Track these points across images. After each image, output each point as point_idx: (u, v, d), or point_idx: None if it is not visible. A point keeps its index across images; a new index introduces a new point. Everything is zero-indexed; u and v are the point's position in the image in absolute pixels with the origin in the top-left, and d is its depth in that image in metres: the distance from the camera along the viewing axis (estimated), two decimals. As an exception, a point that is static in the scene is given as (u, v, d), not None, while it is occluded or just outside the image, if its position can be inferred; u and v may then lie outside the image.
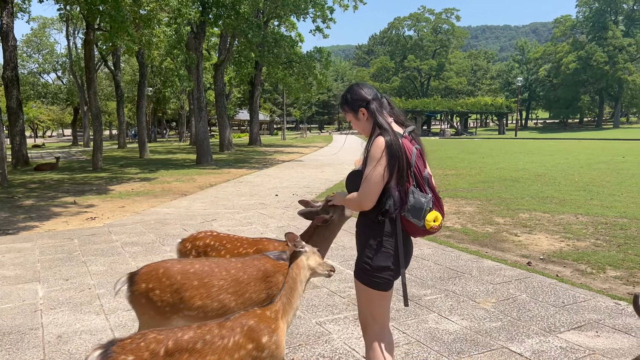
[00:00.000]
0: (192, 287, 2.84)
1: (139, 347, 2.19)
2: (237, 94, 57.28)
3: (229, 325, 2.34)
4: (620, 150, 27.31)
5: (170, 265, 2.95)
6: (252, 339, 2.32)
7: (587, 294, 5.17)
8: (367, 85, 2.87)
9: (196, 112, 23.55)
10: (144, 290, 2.88)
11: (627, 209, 9.71)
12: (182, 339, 2.24)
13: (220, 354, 2.26)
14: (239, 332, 2.32)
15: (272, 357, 2.36)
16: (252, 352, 2.32)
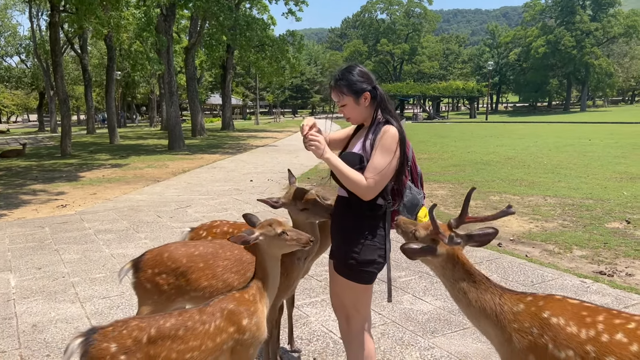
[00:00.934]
0: (199, 269, 2.90)
1: (122, 334, 2.19)
2: (209, 77, 56.46)
3: (209, 310, 2.36)
4: (586, 133, 28.01)
5: (174, 249, 3.00)
6: (233, 322, 2.35)
7: (554, 273, 5.36)
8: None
9: (167, 97, 23.19)
10: (150, 275, 2.92)
11: (592, 191, 10.02)
12: (165, 326, 2.25)
13: (203, 339, 2.28)
14: (219, 317, 2.34)
15: (253, 338, 2.40)
16: (233, 335, 2.35)
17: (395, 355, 3.68)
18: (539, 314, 1.99)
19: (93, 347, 2.14)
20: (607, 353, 1.79)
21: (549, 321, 1.95)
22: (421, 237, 2.28)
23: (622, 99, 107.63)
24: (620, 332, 1.81)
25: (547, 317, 1.96)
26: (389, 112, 2.69)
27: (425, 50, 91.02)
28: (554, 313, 1.96)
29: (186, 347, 2.24)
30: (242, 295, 2.45)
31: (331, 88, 2.72)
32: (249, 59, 31.95)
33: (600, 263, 5.72)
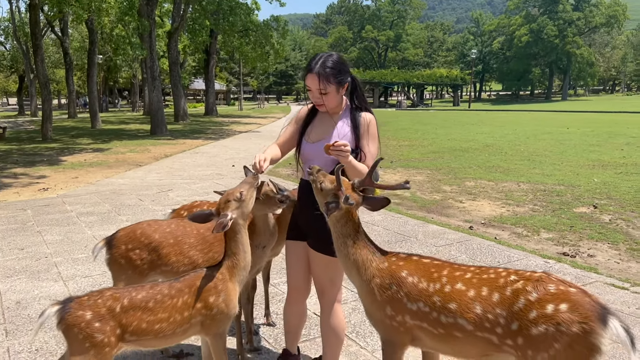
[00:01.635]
0: (169, 245, 3.06)
1: (97, 303, 2.34)
2: (192, 62, 56.01)
3: (178, 286, 2.51)
4: (565, 122, 28.51)
5: (146, 226, 3.15)
6: (200, 299, 2.50)
7: (520, 254, 5.63)
8: None
9: (149, 81, 23.07)
10: (123, 251, 3.06)
11: (565, 177, 10.35)
12: (136, 298, 2.41)
13: (171, 312, 2.44)
14: (187, 293, 2.50)
15: (222, 314, 2.54)
16: (201, 310, 2.50)
17: (365, 328, 3.90)
18: (398, 272, 2.35)
19: (69, 315, 2.28)
20: (450, 300, 2.17)
21: (406, 280, 2.32)
22: (325, 189, 2.52)
23: (602, 89, 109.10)
24: (459, 282, 2.19)
25: (405, 276, 2.33)
26: (364, 99, 2.90)
27: (409, 37, 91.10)
28: (410, 273, 2.32)
29: (155, 319, 2.40)
30: (212, 273, 2.57)
31: (317, 75, 2.73)
32: (232, 44, 31.83)
33: (565, 245, 6.01)
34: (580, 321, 1.90)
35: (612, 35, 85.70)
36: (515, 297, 2.04)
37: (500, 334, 2.07)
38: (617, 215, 7.33)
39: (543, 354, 1.95)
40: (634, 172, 10.87)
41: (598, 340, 1.89)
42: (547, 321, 1.94)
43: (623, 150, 14.90)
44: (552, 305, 1.96)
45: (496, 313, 2.07)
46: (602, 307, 1.94)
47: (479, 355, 2.20)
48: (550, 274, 2.11)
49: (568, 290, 1.99)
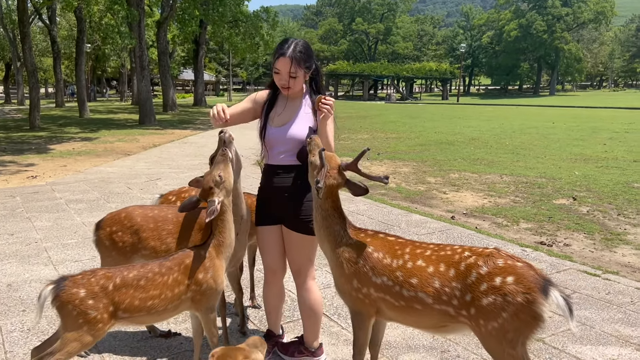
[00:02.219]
0: (149, 229, 3.14)
1: (90, 282, 2.47)
2: (181, 52, 55.70)
3: (168, 264, 2.65)
4: (552, 117, 28.83)
5: (132, 210, 3.25)
6: (189, 276, 2.65)
7: (499, 242, 5.82)
8: None
9: (138, 71, 23.00)
10: (108, 233, 3.18)
11: (547, 170, 10.58)
12: (128, 276, 2.55)
13: (162, 289, 2.58)
14: (176, 271, 2.64)
15: (211, 289, 2.70)
16: (191, 287, 2.65)
17: (346, 310, 4.06)
18: (364, 248, 2.55)
19: (63, 292, 2.41)
20: (411, 276, 2.36)
21: (372, 255, 2.51)
22: (312, 163, 2.69)
23: (590, 84, 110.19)
24: (420, 259, 2.39)
25: (371, 252, 2.52)
26: (322, 86, 3.12)
27: (400, 30, 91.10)
28: (376, 249, 2.52)
29: (147, 296, 2.54)
30: (199, 251, 2.72)
31: (290, 59, 2.86)
32: (222, 35, 31.72)
33: (543, 234, 6.21)
34: (524, 292, 2.10)
35: (600, 31, 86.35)
36: (468, 271, 2.24)
37: (456, 306, 2.26)
38: (594, 207, 7.56)
39: (493, 322, 2.15)
40: (614, 166, 11.13)
41: (540, 309, 2.09)
42: (495, 292, 2.14)
43: (605, 145, 15.18)
44: (500, 278, 2.15)
45: (452, 287, 2.27)
46: (545, 280, 2.14)
47: (436, 326, 2.40)
48: (500, 250, 2.30)
49: (515, 265, 2.19)
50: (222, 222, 2.76)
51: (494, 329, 2.16)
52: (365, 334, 2.68)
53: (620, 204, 7.70)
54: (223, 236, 2.75)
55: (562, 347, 3.50)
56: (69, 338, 2.42)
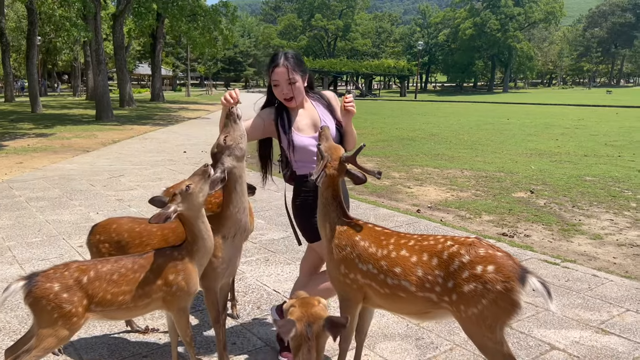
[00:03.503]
0: (135, 245, 3.05)
1: (63, 275, 2.45)
2: (137, 46, 54.47)
3: (141, 262, 2.63)
4: (506, 113, 29.76)
5: (123, 223, 3.17)
6: (160, 276, 2.62)
7: (463, 234, 6.02)
8: None
9: (94, 65, 22.38)
10: (96, 240, 3.13)
11: (504, 165, 10.97)
12: (102, 270, 2.53)
13: (133, 285, 2.57)
14: (148, 269, 2.62)
15: (182, 291, 2.67)
16: (161, 287, 2.62)
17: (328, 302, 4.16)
18: (353, 236, 2.66)
19: (36, 287, 2.37)
20: (395, 265, 2.47)
21: (359, 243, 2.62)
22: (319, 151, 2.79)
23: (541, 82, 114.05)
24: (404, 249, 2.50)
25: (358, 240, 2.63)
26: (313, 85, 3.31)
27: (358, 27, 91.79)
28: (363, 237, 2.64)
29: (119, 291, 2.53)
30: (172, 252, 2.69)
31: (285, 66, 2.99)
32: (180, 29, 31.22)
33: (504, 226, 6.47)
34: (504, 280, 2.21)
35: (549, 30, 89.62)
36: (451, 259, 2.35)
37: (439, 292, 2.37)
38: (551, 199, 7.92)
39: (473, 308, 2.27)
40: (567, 161, 11.65)
41: (517, 297, 2.21)
42: (476, 280, 2.25)
43: (558, 140, 15.83)
44: (481, 267, 2.26)
45: (435, 274, 2.38)
46: (522, 269, 2.26)
47: (420, 312, 2.52)
48: (481, 239, 2.42)
49: (495, 254, 2.30)
50: (191, 232, 2.69)
51: (474, 315, 2.28)
52: (352, 320, 2.78)
53: (574, 197, 8.09)
54: (197, 244, 2.69)
55: (529, 331, 3.69)
56: (45, 334, 2.39)
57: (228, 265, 2.94)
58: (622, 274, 4.88)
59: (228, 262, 2.92)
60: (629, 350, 3.45)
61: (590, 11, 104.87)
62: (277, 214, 6.70)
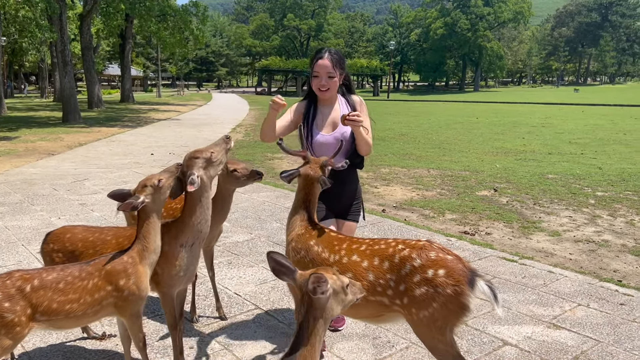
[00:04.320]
0: (88, 255, 2.98)
1: (5, 284, 2.40)
2: (106, 47, 53.54)
3: (89, 269, 2.60)
4: (476, 112, 30.24)
5: (77, 232, 3.12)
6: (110, 282, 2.60)
7: (426, 233, 6.13)
8: None
9: (61, 66, 21.93)
10: (50, 250, 3.07)
11: (470, 164, 11.16)
12: (47, 279, 2.49)
13: (81, 293, 2.54)
14: (97, 276, 2.59)
15: (133, 296, 2.65)
16: (112, 292, 2.60)
17: (282, 304, 4.19)
18: (308, 241, 2.71)
19: None
20: (346, 270, 2.50)
21: (312, 247, 2.67)
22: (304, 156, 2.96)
23: (511, 81, 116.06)
24: (355, 254, 2.54)
25: (312, 245, 2.69)
26: (353, 87, 3.54)
27: (331, 27, 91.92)
28: (317, 242, 2.68)
29: (66, 299, 2.49)
30: (122, 257, 2.66)
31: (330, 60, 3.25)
32: (149, 29, 30.76)
33: (466, 224, 6.60)
34: (454, 284, 2.27)
35: (518, 30, 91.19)
36: (402, 263, 2.39)
37: (391, 296, 2.42)
38: (513, 197, 8.10)
39: (424, 311, 2.32)
40: (531, 159, 11.91)
41: (467, 300, 2.27)
42: (427, 284, 2.30)
43: (524, 138, 16.17)
44: (432, 270, 2.31)
45: (387, 278, 2.42)
46: (472, 272, 2.32)
47: (373, 315, 2.56)
48: (432, 242, 2.46)
49: (445, 258, 2.35)
50: (147, 227, 2.70)
51: (425, 317, 2.33)
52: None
53: (536, 194, 8.29)
54: (147, 241, 2.70)
55: (483, 328, 3.78)
56: None
57: (185, 272, 2.93)
58: (577, 270, 5.04)
59: (185, 269, 2.92)
60: (577, 344, 3.57)
61: (558, 11, 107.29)
62: (242, 217, 6.69)
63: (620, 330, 3.76)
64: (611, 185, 8.98)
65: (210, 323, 3.87)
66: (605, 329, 3.79)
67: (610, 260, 5.34)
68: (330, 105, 3.42)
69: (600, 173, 10.14)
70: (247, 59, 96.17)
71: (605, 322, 3.89)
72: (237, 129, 19.96)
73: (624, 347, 3.53)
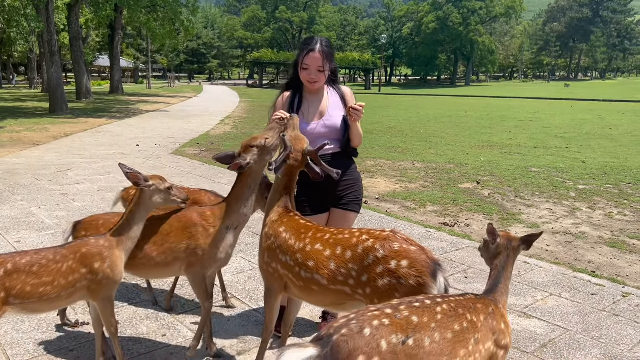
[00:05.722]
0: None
1: None
2: (96, 37, 53.01)
3: (63, 252, 2.63)
4: (465, 106, 30.32)
5: (109, 217, 3.14)
6: (85, 264, 2.62)
7: (406, 224, 6.17)
8: None
9: (47, 57, 21.72)
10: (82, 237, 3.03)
11: (455, 156, 11.21)
12: (20, 262, 2.51)
13: (55, 276, 2.55)
14: (71, 259, 2.61)
15: (108, 279, 2.69)
16: (86, 275, 2.63)
17: (257, 294, 4.20)
18: (278, 227, 2.74)
19: None
20: (309, 258, 2.53)
21: (281, 234, 2.70)
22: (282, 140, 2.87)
23: (502, 75, 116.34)
24: (318, 243, 2.55)
25: (281, 231, 2.71)
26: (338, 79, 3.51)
27: (323, 20, 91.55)
28: (285, 229, 2.71)
29: (39, 282, 2.51)
30: (97, 240, 2.70)
31: (321, 53, 3.17)
32: (139, 20, 30.50)
33: (446, 216, 6.64)
34: (416, 275, 2.26)
35: (510, 24, 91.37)
36: (365, 253, 2.38)
37: (352, 285, 2.41)
38: (495, 189, 8.16)
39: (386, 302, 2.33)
40: (516, 152, 11.99)
41: (429, 292, 2.25)
42: (390, 275, 2.30)
43: (511, 132, 16.25)
44: (395, 261, 2.30)
45: (349, 268, 2.42)
46: (435, 264, 2.32)
47: (334, 303, 2.57)
48: (396, 232, 2.45)
49: (409, 249, 2.34)
50: (133, 214, 2.74)
51: None
52: (271, 309, 2.85)
53: (518, 187, 8.35)
54: (130, 227, 2.73)
55: (454, 316, 3.82)
56: None
57: (224, 254, 3.03)
58: (552, 261, 5.10)
59: (226, 251, 3.02)
60: (546, 332, 3.62)
61: (549, 6, 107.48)
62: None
63: (589, 319, 3.82)
64: (592, 179, 9.06)
65: (184, 312, 3.88)
66: (574, 317, 3.85)
67: (586, 251, 5.41)
68: (317, 94, 3.38)
69: (583, 166, 10.23)
70: (239, 51, 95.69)
71: (575, 311, 3.95)
72: (226, 120, 19.90)
73: (591, 335, 3.59)
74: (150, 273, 3.15)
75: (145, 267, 2.98)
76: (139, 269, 3.02)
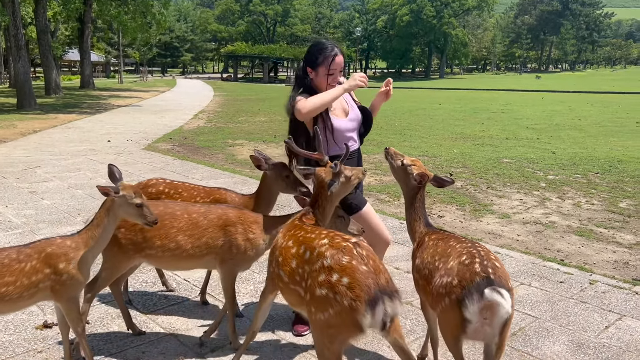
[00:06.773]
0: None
1: None
2: (65, 31, 51.84)
3: (27, 252, 2.57)
4: (439, 99, 30.57)
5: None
6: (49, 265, 2.57)
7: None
8: None
9: (14, 51, 21.17)
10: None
11: (429, 149, 11.31)
12: None
13: (18, 276, 2.49)
14: (35, 258, 2.55)
15: (72, 280, 2.63)
16: (50, 275, 2.57)
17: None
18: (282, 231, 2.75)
19: None
20: (280, 255, 2.56)
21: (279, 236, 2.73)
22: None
23: (475, 68, 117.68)
24: (291, 240, 2.54)
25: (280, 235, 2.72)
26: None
27: (298, 12, 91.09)
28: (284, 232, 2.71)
29: (2, 282, 2.46)
30: (64, 241, 2.64)
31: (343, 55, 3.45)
32: (109, 13, 29.95)
33: (420, 208, 6.69)
34: (352, 298, 2.10)
35: (483, 17, 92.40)
36: (317, 258, 2.28)
37: (304, 288, 2.34)
38: (468, 181, 8.26)
39: (320, 314, 2.21)
40: (489, 144, 12.15)
41: (360, 320, 2.10)
42: (328, 287, 2.17)
43: (483, 124, 16.46)
44: (337, 276, 2.16)
45: (303, 269, 2.35)
46: (383, 292, 2.12)
47: (298, 303, 2.48)
48: (359, 245, 2.30)
49: (357, 268, 2.16)
50: (99, 218, 2.70)
51: (320, 320, 2.22)
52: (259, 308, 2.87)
53: (490, 178, 8.47)
54: (99, 231, 2.68)
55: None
56: None
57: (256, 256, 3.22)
58: (523, 250, 5.19)
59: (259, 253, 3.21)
60: (516, 321, 3.68)
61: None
62: (197, 203, 6.64)
63: (558, 307, 3.90)
64: (562, 169, 9.25)
65: (156, 309, 3.84)
66: (543, 306, 3.93)
67: (555, 240, 5.52)
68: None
69: (553, 157, 10.42)
70: (213, 45, 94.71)
71: (545, 300, 4.03)
72: (200, 115, 19.70)
73: (559, 322, 3.66)
74: (178, 265, 3.23)
75: (177, 259, 3.08)
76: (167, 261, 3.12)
